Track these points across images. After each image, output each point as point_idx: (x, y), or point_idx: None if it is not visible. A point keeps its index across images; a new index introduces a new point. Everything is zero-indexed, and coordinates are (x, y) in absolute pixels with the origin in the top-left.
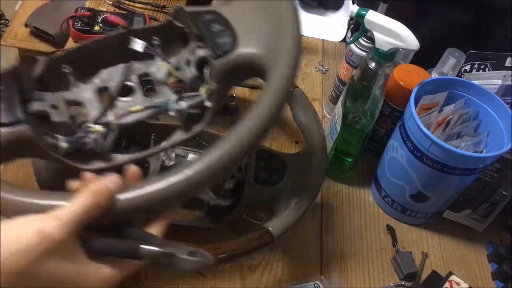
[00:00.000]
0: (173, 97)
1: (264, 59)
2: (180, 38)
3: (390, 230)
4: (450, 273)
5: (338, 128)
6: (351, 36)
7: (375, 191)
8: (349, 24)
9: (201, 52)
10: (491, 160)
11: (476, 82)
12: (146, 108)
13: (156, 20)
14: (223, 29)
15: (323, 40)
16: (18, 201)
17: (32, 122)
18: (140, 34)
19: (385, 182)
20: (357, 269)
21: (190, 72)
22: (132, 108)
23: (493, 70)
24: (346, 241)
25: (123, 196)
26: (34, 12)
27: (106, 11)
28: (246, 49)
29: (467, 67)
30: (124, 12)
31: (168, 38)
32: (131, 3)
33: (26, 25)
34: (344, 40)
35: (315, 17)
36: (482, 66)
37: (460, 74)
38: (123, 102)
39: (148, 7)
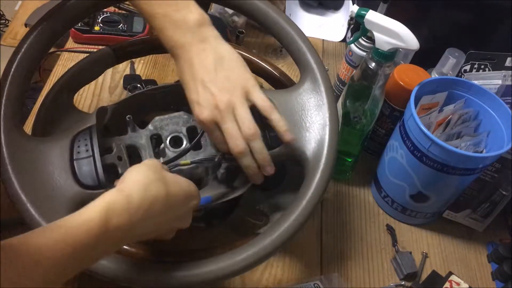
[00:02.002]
0: (217, 156)
1: (310, 159)
2: None
3: (390, 230)
4: (450, 273)
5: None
6: (351, 36)
7: (375, 191)
8: (349, 24)
9: None
10: (491, 160)
11: (476, 82)
12: (193, 162)
13: None
14: None
15: (323, 40)
16: None
17: (109, 186)
18: None
19: (385, 182)
20: (357, 269)
21: None
22: (182, 161)
23: (493, 70)
24: (346, 241)
25: None
26: (34, 12)
27: (106, 11)
28: (295, 146)
29: (467, 67)
30: (124, 12)
31: None
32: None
33: (26, 25)
34: (344, 40)
35: (315, 17)
36: (482, 66)
37: (460, 74)
38: (172, 151)
39: None
